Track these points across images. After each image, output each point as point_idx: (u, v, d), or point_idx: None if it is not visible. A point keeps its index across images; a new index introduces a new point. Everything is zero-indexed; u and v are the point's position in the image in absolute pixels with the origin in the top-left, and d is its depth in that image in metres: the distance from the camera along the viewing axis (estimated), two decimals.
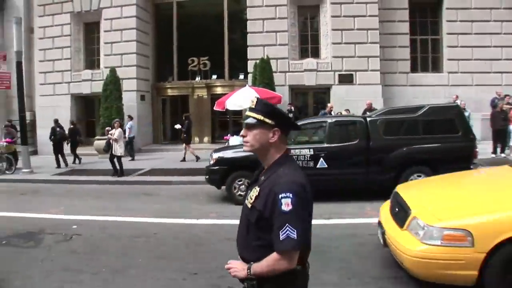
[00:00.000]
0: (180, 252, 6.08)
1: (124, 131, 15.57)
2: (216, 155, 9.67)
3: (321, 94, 19.24)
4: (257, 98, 2.28)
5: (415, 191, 5.43)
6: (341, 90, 17.97)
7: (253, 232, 2.18)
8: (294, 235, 2.00)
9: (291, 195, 2.02)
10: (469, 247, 3.86)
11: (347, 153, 9.00)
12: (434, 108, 9.49)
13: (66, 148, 16.56)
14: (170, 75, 21.50)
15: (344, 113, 14.94)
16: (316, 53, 18.86)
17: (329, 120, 9.66)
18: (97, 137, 18.37)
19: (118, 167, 13.09)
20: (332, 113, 15.33)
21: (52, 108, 19.84)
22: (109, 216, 8.40)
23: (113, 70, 18.56)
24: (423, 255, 4.06)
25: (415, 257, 4.12)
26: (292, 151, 8.95)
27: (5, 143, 15.70)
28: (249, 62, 18.46)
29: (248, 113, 2.23)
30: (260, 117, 2.17)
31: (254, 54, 18.28)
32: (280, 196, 2.03)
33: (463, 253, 3.89)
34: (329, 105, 16.25)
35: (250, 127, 2.21)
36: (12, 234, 7.33)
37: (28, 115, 17.69)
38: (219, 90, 20.18)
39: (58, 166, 15.80)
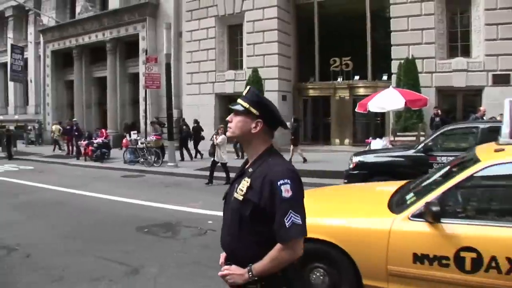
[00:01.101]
0: None
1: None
2: (356, 159, 9.23)
3: (472, 97, 17.36)
4: (250, 87, 2.25)
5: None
6: (495, 92, 16.01)
7: (247, 227, 2.08)
8: (299, 220, 1.97)
9: (289, 181, 1.99)
10: None
11: None
12: None
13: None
14: (311, 76, 21.45)
15: (499, 118, 13.29)
16: (466, 52, 17.06)
17: (482, 126, 8.58)
18: None
19: (225, 174, 12.27)
20: (485, 118, 13.78)
21: (197, 107, 21.08)
22: None
23: (255, 71, 19.03)
24: None
25: None
26: (438, 158, 8.20)
27: (154, 138, 17.06)
28: (393, 62, 17.51)
29: (238, 100, 2.20)
30: (246, 105, 2.14)
31: (398, 53, 17.27)
32: (278, 183, 1.98)
33: None
34: (481, 108, 14.60)
35: (236, 113, 2.19)
36: (153, 224, 7.75)
37: (175, 112, 18.95)
38: (361, 91, 19.55)
39: (182, 159, 17.32)
